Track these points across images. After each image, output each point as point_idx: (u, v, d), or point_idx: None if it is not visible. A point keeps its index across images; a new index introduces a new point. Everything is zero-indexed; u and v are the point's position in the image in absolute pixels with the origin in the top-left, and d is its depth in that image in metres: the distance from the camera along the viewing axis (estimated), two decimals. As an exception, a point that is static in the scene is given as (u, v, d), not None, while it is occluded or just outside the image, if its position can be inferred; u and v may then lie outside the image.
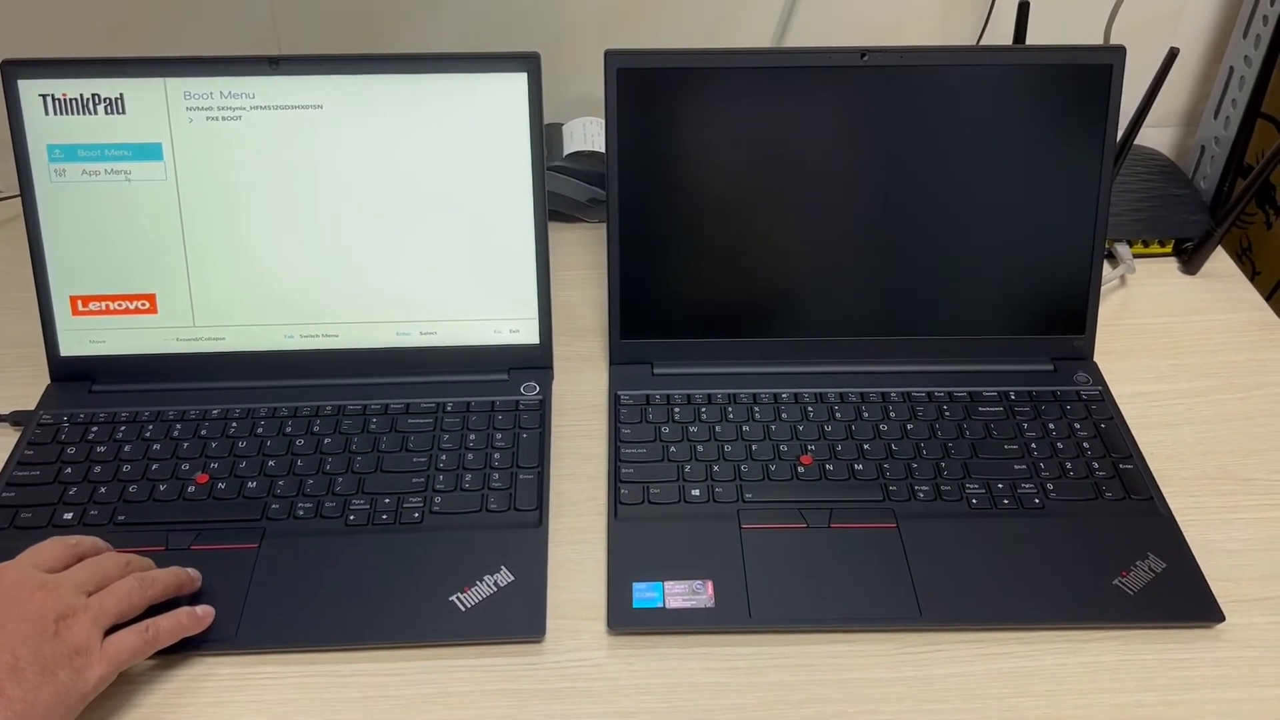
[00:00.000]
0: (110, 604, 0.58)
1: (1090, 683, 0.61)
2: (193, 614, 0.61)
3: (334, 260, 0.76)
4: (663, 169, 0.77)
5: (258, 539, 0.67)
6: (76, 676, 0.54)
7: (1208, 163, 1.01)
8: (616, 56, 0.74)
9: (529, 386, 0.78)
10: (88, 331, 0.77)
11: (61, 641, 0.55)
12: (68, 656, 0.54)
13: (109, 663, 0.56)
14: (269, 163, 0.75)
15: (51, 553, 0.60)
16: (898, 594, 0.64)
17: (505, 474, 0.71)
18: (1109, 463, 0.72)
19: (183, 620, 0.61)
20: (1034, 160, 0.77)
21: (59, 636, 0.55)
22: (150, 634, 0.59)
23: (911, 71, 0.74)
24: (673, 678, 0.61)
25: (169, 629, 0.60)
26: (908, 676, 0.61)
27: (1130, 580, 0.65)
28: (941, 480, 0.71)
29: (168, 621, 0.60)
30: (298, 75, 0.73)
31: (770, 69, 0.75)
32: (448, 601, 0.63)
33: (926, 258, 0.78)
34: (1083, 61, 0.74)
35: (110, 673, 0.56)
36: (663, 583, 0.65)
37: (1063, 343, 0.80)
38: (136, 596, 0.59)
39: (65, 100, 0.73)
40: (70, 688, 0.54)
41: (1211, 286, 0.92)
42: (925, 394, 0.77)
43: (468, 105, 0.74)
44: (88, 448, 0.73)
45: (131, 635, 0.58)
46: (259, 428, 0.74)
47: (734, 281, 0.79)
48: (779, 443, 0.74)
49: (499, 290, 0.78)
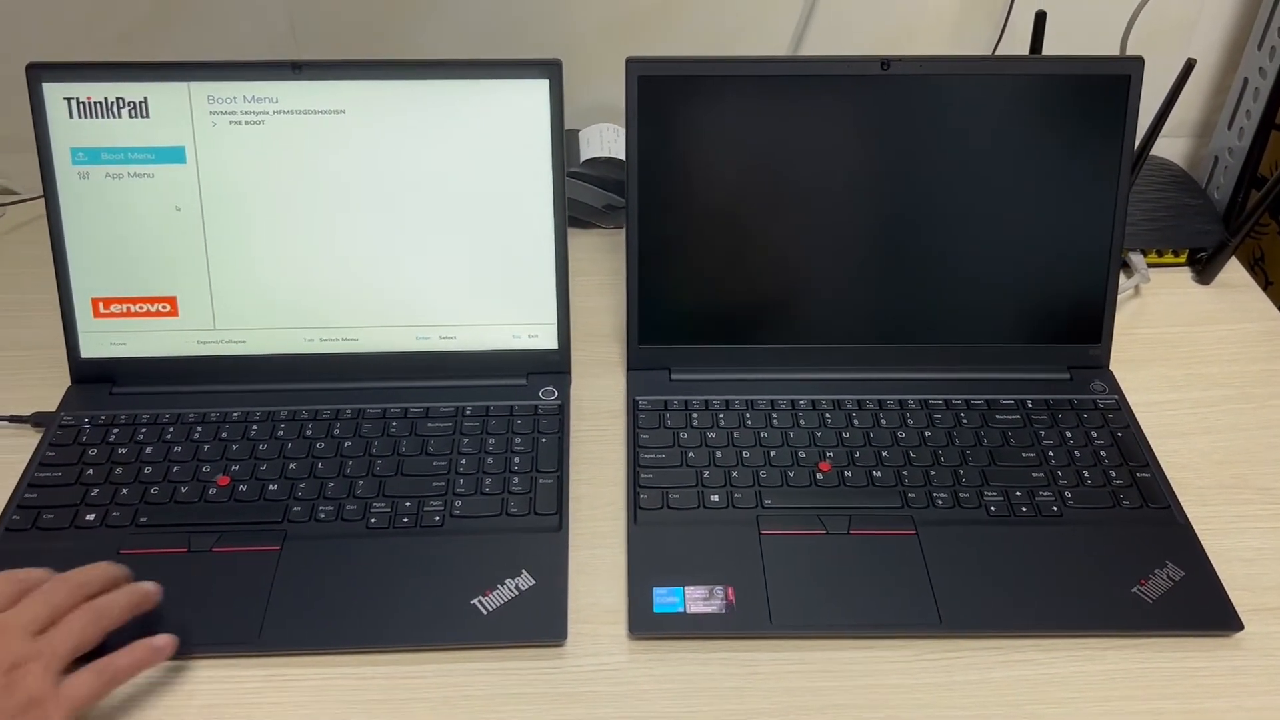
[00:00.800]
0: (62, 646, 0.54)
1: (1110, 690, 0.61)
2: (151, 647, 0.58)
3: (354, 264, 0.77)
4: (682, 175, 0.77)
5: (280, 541, 0.67)
6: None
7: (1221, 173, 1.01)
8: (638, 64, 0.74)
9: (547, 391, 0.78)
10: (109, 334, 0.77)
11: (13, 695, 0.52)
12: (23, 709, 0.51)
13: (67, 709, 0.53)
14: (291, 167, 0.75)
15: None
16: (917, 601, 0.64)
17: (525, 478, 0.71)
18: (1126, 471, 0.73)
19: (139, 654, 0.58)
20: (1052, 169, 0.77)
21: (10, 690, 0.52)
22: (109, 674, 0.56)
23: (932, 81, 0.75)
24: (694, 682, 0.61)
25: (127, 666, 0.57)
26: (928, 683, 0.62)
27: (1149, 588, 0.65)
28: (960, 488, 0.71)
29: (125, 659, 0.57)
30: (321, 80, 0.73)
31: (791, 77, 0.75)
32: (469, 605, 0.63)
33: (944, 265, 0.79)
34: (1102, 71, 0.75)
35: (69, 718, 0.53)
36: (683, 588, 0.65)
37: (1079, 351, 0.80)
38: (91, 630, 0.56)
39: (89, 103, 0.73)
40: None
41: (1226, 296, 0.92)
42: (943, 401, 0.77)
43: (489, 111, 0.74)
44: (109, 449, 0.73)
45: (89, 677, 0.55)
46: (279, 431, 0.74)
47: (752, 288, 0.80)
48: (797, 449, 0.74)
49: (518, 295, 0.78)
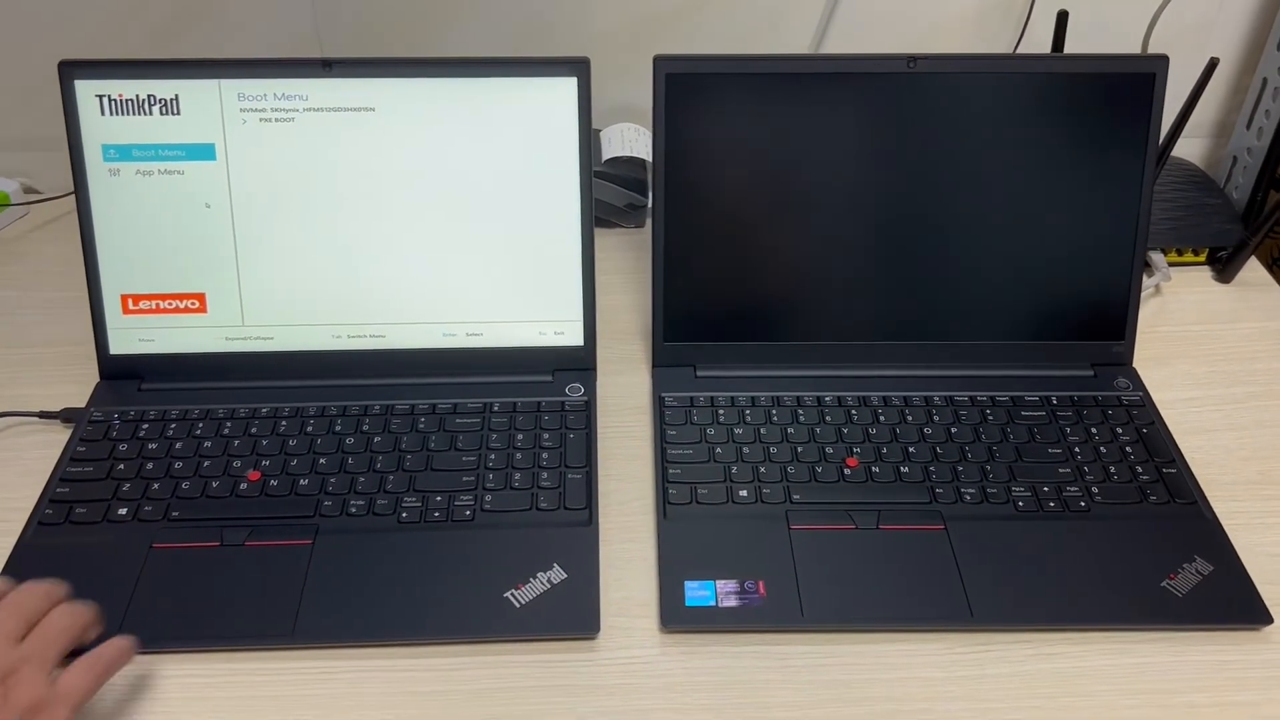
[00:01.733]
0: (50, 648, 0.55)
1: (1142, 684, 0.61)
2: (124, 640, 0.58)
3: (382, 261, 0.77)
4: (709, 173, 0.77)
5: (312, 535, 0.67)
6: None
7: (1240, 173, 1.01)
8: (666, 62, 0.75)
9: (574, 388, 0.79)
10: (137, 330, 0.78)
11: (12, 703, 0.52)
12: (27, 716, 0.52)
13: (68, 706, 0.53)
14: (320, 164, 0.75)
15: None
16: (948, 595, 0.65)
17: (554, 473, 0.72)
18: (1152, 467, 0.73)
19: (122, 644, 0.58)
20: (1076, 167, 0.77)
21: (8, 699, 0.52)
22: (100, 666, 0.56)
23: (957, 79, 0.75)
24: (727, 675, 0.62)
25: (113, 656, 0.57)
26: (959, 676, 0.62)
27: (1178, 583, 0.65)
28: (987, 483, 0.71)
29: (110, 649, 0.57)
30: (351, 78, 0.74)
31: (818, 75, 0.75)
32: (502, 598, 0.64)
33: (968, 263, 0.79)
34: (1127, 70, 0.75)
35: (72, 716, 0.53)
36: (714, 581, 0.65)
37: (1103, 349, 0.81)
38: (75, 630, 0.57)
39: (121, 101, 0.74)
40: None
41: (1246, 295, 0.92)
42: (968, 398, 0.77)
43: (517, 109, 0.75)
44: (139, 445, 0.73)
45: (82, 672, 0.55)
46: (308, 426, 0.75)
47: (777, 285, 0.80)
48: (824, 445, 0.74)
49: (544, 293, 0.79)
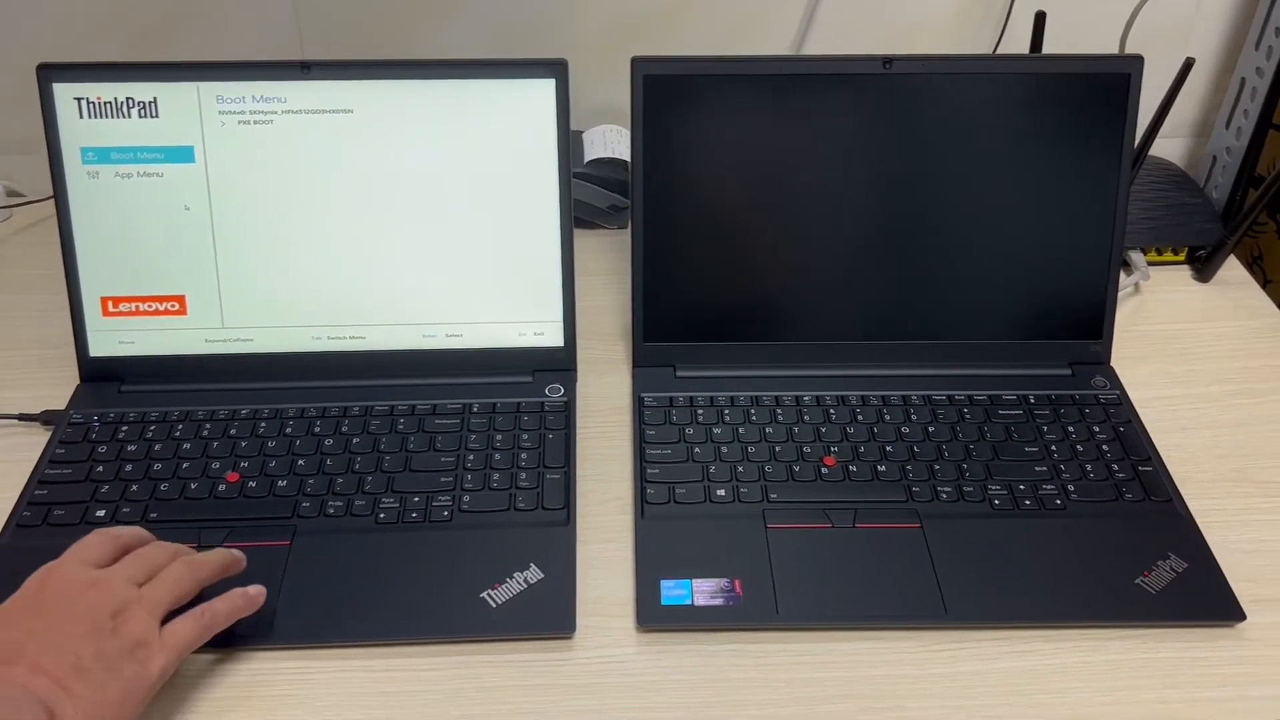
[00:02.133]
0: (163, 593, 0.58)
1: (1115, 680, 0.62)
2: (246, 595, 0.61)
3: (362, 263, 0.77)
4: (687, 174, 0.78)
5: (289, 536, 0.68)
6: (141, 669, 0.55)
7: (1219, 172, 1.02)
8: (643, 63, 0.75)
9: (553, 388, 0.79)
10: (117, 332, 0.78)
11: (121, 636, 0.55)
12: (130, 650, 0.55)
13: (170, 651, 0.56)
14: (299, 166, 0.75)
15: (97, 547, 0.59)
16: (923, 593, 0.65)
17: (532, 474, 0.72)
18: (1128, 465, 0.73)
19: (237, 601, 0.61)
20: (1053, 167, 0.78)
21: (118, 632, 0.55)
22: (207, 618, 0.59)
23: (934, 80, 0.76)
24: (702, 674, 0.62)
25: (225, 611, 0.60)
26: (934, 674, 0.62)
27: (1152, 580, 0.66)
28: (964, 481, 0.72)
29: (223, 604, 0.60)
30: (329, 80, 0.74)
31: (795, 76, 0.76)
32: (479, 598, 0.64)
33: (946, 263, 0.79)
34: (1102, 70, 0.76)
35: (173, 661, 0.56)
36: (691, 580, 0.65)
37: (1080, 347, 0.81)
38: (187, 582, 0.59)
39: (99, 104, 0.74)
40: (137, 681, 0.54)
41: (1225, 294, 0.93)
42: (946, 397, 0.78)
43: (496, 111, 0.75)
44: (118, 447, 0.74)
45: (189, 622, 0.58)
46: (288, 428, 0.75)
47: (756, 285, 0.80)
48: (802, 444, 0.74)
49: (524, 294, 0.79)
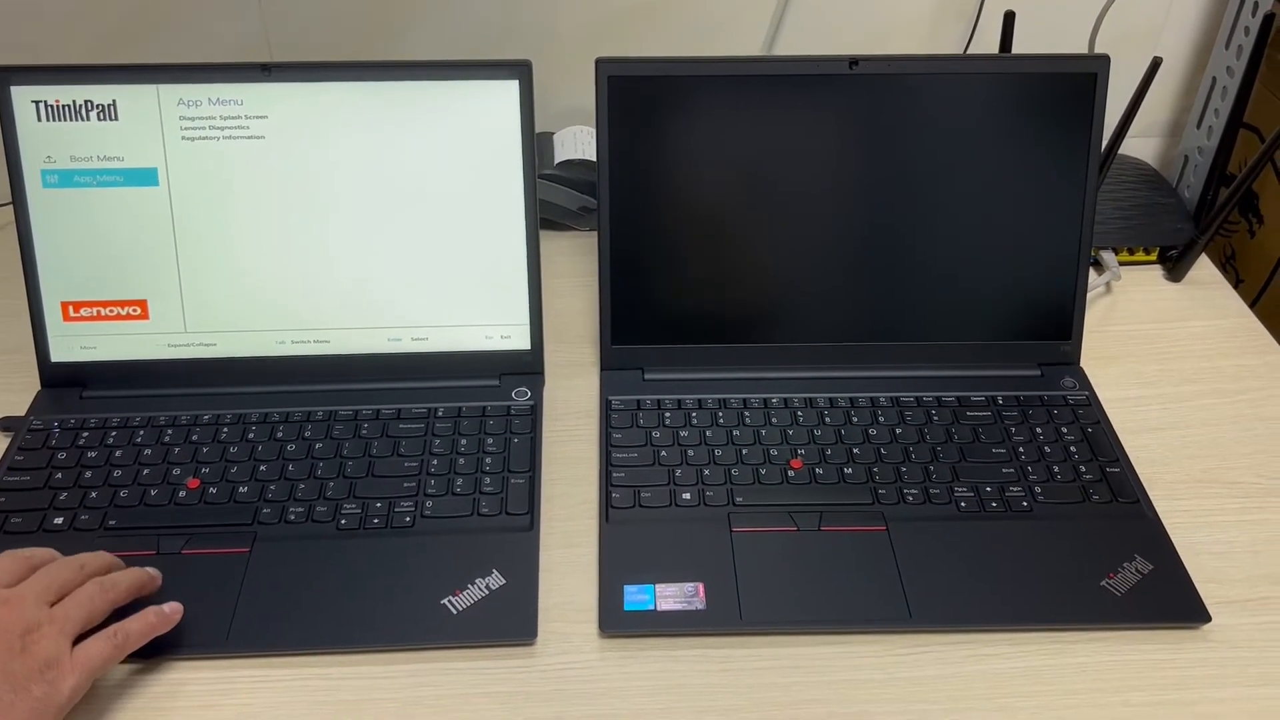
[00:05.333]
0: (74, 612, 0.56)
1: (1079, 683, 0.61)
2: (160, 613, 0.60)
3: (326, 266, 0.77)
4: (653, 176, 0.77)
5: (249, 543, 0.67)
6: (51, 690, 0.53)
7: (1191, 172, 1.02)
8: (607, 64, 0.74)
9: (520, 392, 0.78)
10: (79, 338, 0.77)
11: (30, 656, 0.53)
12: (39, 671, 0.53)
13: (81, 672, 0.55)
14: (261, 169, 0.75)
15: (6, 566, 0.58)
16: (888, 596, 0.64)
17: (497, 478, 0.71)
18: (1096, 466, 0.73)
19: (151, 620, 0.59)
20: (1020, 168, 0.77)
21: (27, 651, 0.54)
22: (120, 638, 0.57)
23: (900, 80, 0.75)
24: (665, 680, 0.61)
25: (138, 631, 0.59)
26: (898, 677, 0.62)
27: (1117, 582, 0.65)
28: (930, 484, 0.71)
29: (136, 624, 0.59)
30: (290, 82, 0.73)
31: (760, 77, 0.75)
32: (439, 604, 0.63)
33: (914, 264, 0.79)
34: (1068, 70, 0.75)
35: (84, 682, 0.55)
36: (654, 585, 0.65)
37: (1050, 348, 0.81)
38: (99, 601, 0.58)
39: (58, 107, 0.73)
40: (46, 702, 0.53)
41: (1196, 294, 0.93)
42: (914, 399, 0.78)
43: (460, 112, 0.75)
44: (78, 453, 0.73)
45: (101, 642, 0.57)
46: (250, 433, 0.74)
47: (724, 288, 0.80)
48: (769, 447, 0.74)
49: (490, 296, 0.78)
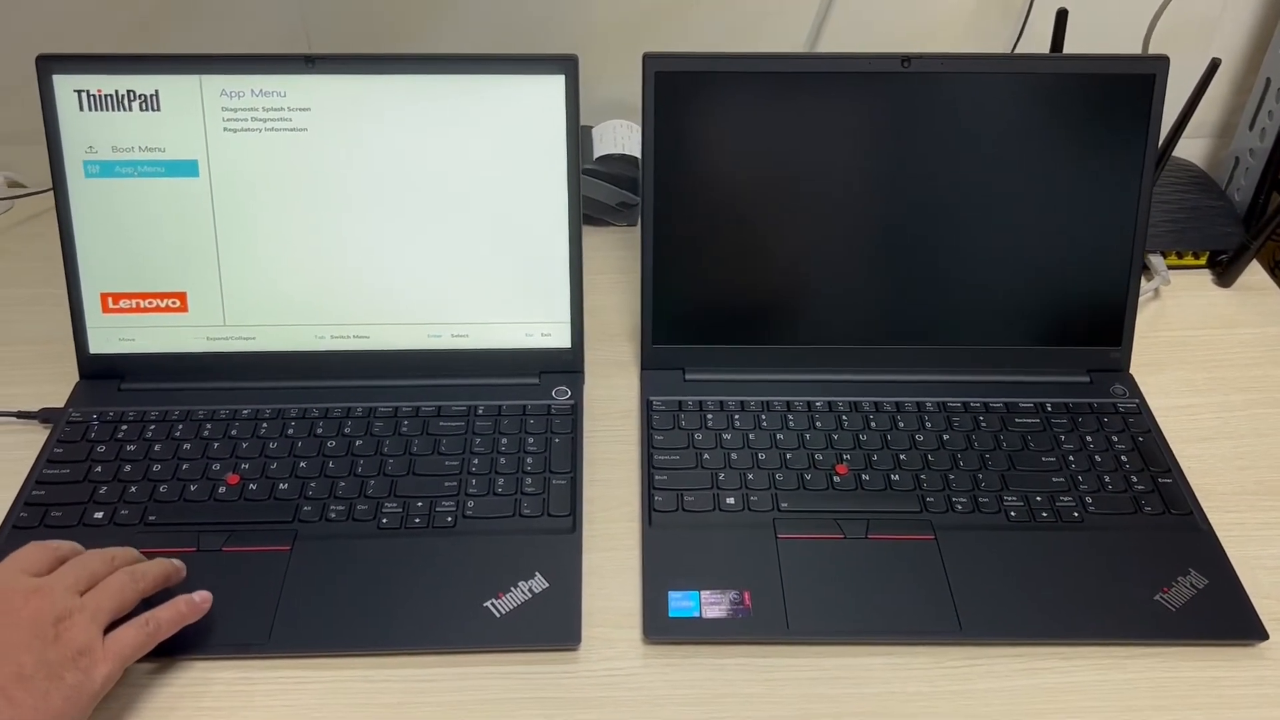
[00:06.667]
0: (105, 601, 0.57)
1: (1132, 700, 0.60)
2: (190, 602, 0.60)
3: (366, 261, 0.76)
4: (698, 173, 0.76)
5: (290, 541, 0.66)
6: (84, 677, 0.54)
7: (1242, 175, 1.00)
8: (655, 59, 0.73)
9: (560, 391, 0.77)
10: (117, 329, 0.77)
11: (63, 644, 0.54)
12: (72, 658, 0.54)
13: (114, 659, 0.55)
14: (303, 161, 0.74)
15: (34, 557, 0.58)
16: (937, 607, 0.63)
17: (538, 479, 0.71)
18: (1148, 476, 0.72)
19: (181, 609, 0.60)
20: (1073, 169, 0.76)
21: (60, 639, 0.54)
22: (151, 627, 0.58)
23: (953, 79, 0.74)
24: (709, 688, 0.61)
25: (169, 619, 0.59)
26: (946, 691, 0.61)
27: (1172, 596, 0.64)
28: (979, 492, 0.70)
29: (166, 612, 0.59)
30: (334, 74, 0.72)
31: (811, 74, 0.74)
32: (482, 607, 0.63)
33: (963, 266, 0.78)
34: (1126, 71, 0.74)
35: (117, 669, 0.56)
36: (699, 592, 0.64)
37: (1099, 354, 0.79)
38: (129, 591, 0.58)
39: (100, 96, 0.72)
40: (80, 689, 0.54)
41: (1247, 300, 0.91)
42: (961, 404, 0.76)
43: (505, 107, 0.74)
44: (117, 446, 0.72)
45: (133, 630, 0.57)
46: (290, 429, 0.73)
47: (768, 287, 0.79)
48: (814, 451, 0.73)
49: (531, 294, 0.77)
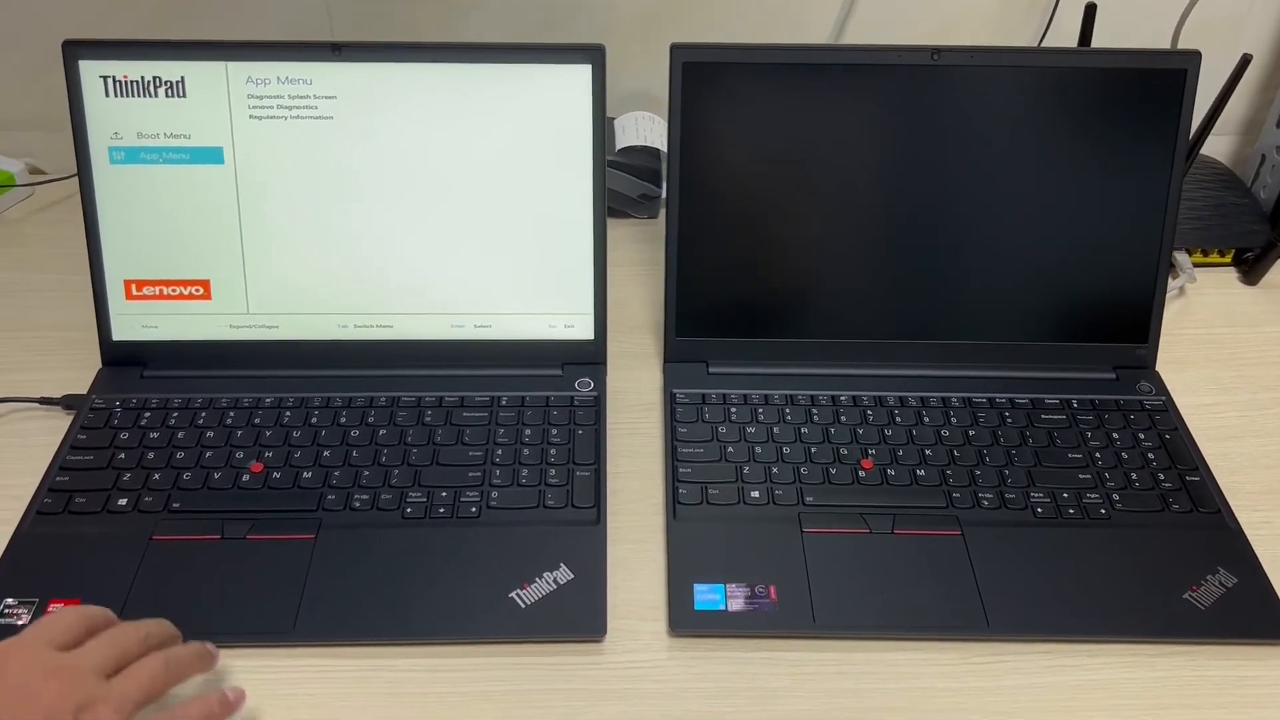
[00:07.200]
0: (133, 692, 0.52)
1: (1160, 698, 0.60)
2: (224, 700, 0.55)
3: (390, 251, 0.76)
4: (724, 165, 0.75)
5: (314, 530, 0.66)
6: None
7: (1268, 172, 0.99)
8: (683, 50, 0.73)
9: (583, 382, 0.77)
10: (141, 316, 0.76)
11: None
12: None
13: None
14: (328, 150, 0.74)
15: (62, 626, 0.53)
16: (964, 603, 0.63)
17: (562, 470, 0.70)
18: (1175, 474, 0.71)
19: (214, 706, 0.54)
20: (1102, 165, 0.75)
21: None
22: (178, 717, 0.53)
23: (982, 72, 0.73)
24: (735, 681, 0.60)
25: (199, 715, 0.53)
26: (973, 687, 0.60)
27: (1200, 595, 0.63)
28: (1005, 488, 0.70)
29: (198, 707, 0.54)
30: (360, 62, 0.72)
31: (838, 66, 0.73)
32: (507, 598, 0.62)
33: (989, 261, 0.77)
34: (1157, 66, 0.73)
35: None
36: (724, 585, 0.64)
37: (1125, 351, 0.79)
38: (160, 682, 0.53)
39: (126, 82, 0.72)
40: None
41: (1273, 297, 0.90)
42: (987, 400, 0.76)
43: (530, 97, 0.73)
44: (140, 433, 0.72)
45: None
46: (313, 418, 0.73)
47: (792, 280, 0.78)
48: (839, 445, 0.72)
49: (555, 285, 0.77)
